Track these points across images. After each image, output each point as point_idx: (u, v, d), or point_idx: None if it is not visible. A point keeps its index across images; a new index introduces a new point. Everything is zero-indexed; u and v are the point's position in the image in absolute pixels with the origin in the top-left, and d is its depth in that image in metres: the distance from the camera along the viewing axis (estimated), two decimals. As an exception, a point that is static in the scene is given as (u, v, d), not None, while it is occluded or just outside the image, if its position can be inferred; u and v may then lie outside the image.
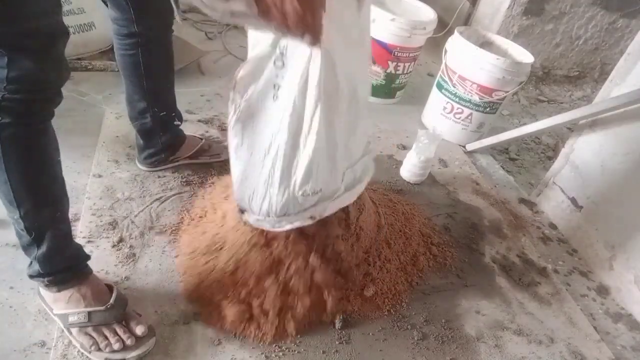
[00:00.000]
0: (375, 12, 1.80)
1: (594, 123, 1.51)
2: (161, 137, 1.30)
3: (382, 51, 1.91)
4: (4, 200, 0.81)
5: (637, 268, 1.36)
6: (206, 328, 1.00)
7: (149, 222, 1.20)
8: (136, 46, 1.13)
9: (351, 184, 0.97)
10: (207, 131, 1.58)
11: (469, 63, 1.74)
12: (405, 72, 2.01)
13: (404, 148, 1.80)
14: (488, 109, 1.81)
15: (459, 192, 1.63)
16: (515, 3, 2.34)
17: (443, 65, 1.85)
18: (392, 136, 1.86)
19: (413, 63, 2.01)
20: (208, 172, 1.40)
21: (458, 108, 1.84)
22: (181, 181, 1.35)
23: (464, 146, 1.92)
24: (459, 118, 1.85)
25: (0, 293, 0.97)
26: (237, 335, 0.99)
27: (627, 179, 1.40)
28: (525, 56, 1.82)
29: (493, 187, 1.73)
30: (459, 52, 1.77)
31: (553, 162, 1.70)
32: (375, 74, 1.99)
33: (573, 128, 1.66)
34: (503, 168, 1.90)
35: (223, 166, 1.43)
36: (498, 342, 1.14)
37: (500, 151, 2.06)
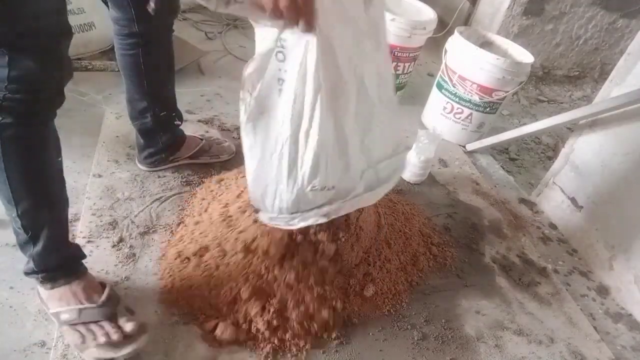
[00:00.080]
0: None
1: (594, 123, 1.51)
2: (161, 137, 1.30)
3: (382, 51, 1.91)
4: (2, 198, 0.82)
5: (637, 268, 1.36)
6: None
7: (149, 222, 1.20)
8: (137, 46, 1.13)
9: (373, 185, 0.94)
10: (207, 131, 1.58)
11: (469, 63, 1.74)
12: (405, 72, 2.01)
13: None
14: (488, 109, 1.81)
15: (459, 192, 1.63)
16: (515, 3, 2.34)
17: (443, 65, 1.85)
18: (392, 136, 1.86)
19: (413, 63, 2.01)
20: (208, 172, 1.40)
21: (458, 108, 1.84)
22: (181, 181, 1.35)
23: (464, 146, 1.92)
24: (459, 118, 1.85)
25: (0, 293, 0.97)
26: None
27: (627, 179, 1.40)
28: (525, 56, 1.82)
29: (493, 187, 1.73)
30: (459, 52, 1.77)
31: (553, 162, 1.70)
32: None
33: (573, 128, 1.66)
34: (503, 168, 1.90)
35: (223, 166, 1.43)
36: (498, 342, 1.14)
37: (500, 151, 2.06)
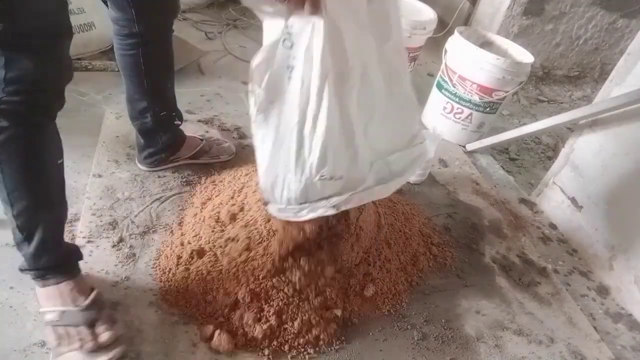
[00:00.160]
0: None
1: (594, 123, 1.51)
2: (161, 137, 1.30)
3: (382, 51, 1.91)
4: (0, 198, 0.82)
5: (637, 268, 1.36)
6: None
7: (149, 222, 1.20)
8: (136, 46, 1.13)
9: (385, 178, 0.92)
10: (207, 131, 1.58)
11: (469, 63, 1.74)
12: (405, 72, 2.01)
13: (404, 148, 1.80)
14: (488, 109, 1.81)
15: (459, 192, 1.63)
16: (515, 3, 2.34)
17: (443, 65, 1.85)
18: (392, 136, 1.86)
19: (413, 63, 2.01)
20: (208, 173, 1.40)
21: (458, 108, 1.84)
22: (181, 181, 1.35)
23: (464, 146, 1.91)
24: (459, 118, 1.85)
25: (0, 293, 0.97)
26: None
27: (627, 179, 1.40)
28: (525, 56, 1.82)
29: (493, 187, 1.73)
30: (459, 52, 1.77)
31: (553, 162, 1.70)
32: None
33: (573, 128, 1.66)
34: (503, 168, 1.90)
35: (223, 166, 1.43)
36: (498, 342, 1.14)
37: (500, 151, 2.06)
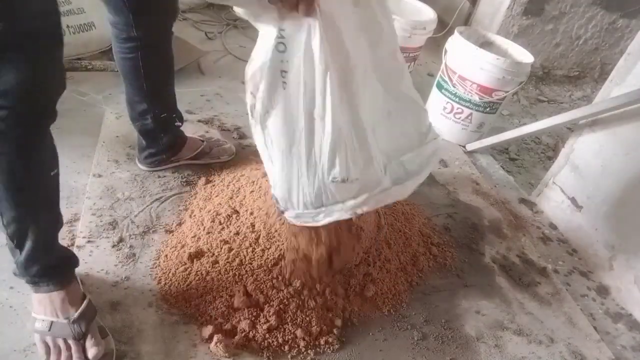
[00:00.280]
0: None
1: (594, 123, 1.51)
2: (162, 138, 1.30)
3: (382, 51, 1.91)
4: None
5: (637, 268, 1.36)
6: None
7: (149, 222, 1.20)
8: (135, 50, 1.12)
9: (401, 178, 0.90)
10: (207, 131, 1.58)
11: (469, 63, 1.74)
12: (405, 72, 2.01)
13: (404, 148, 1.80)
14: (488, 109, 1.81)
15: (459, 192, 1.63)
16: (515, 3, 2.34)
17: (443, 65, 1.85)
18: (392, 136, 1.86)
19: (413, 63, 2.01)
20: (208, 173, 1.40)
21: (458, 108, 1.84)
22: (181, 181, 1.35)
23: (464, 146, 1.92)
24: (459, 118, 1.85)
25: (0, 293, 0.97)
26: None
27: (627, 179, 1.40)
28: (525, 56, 1.82)
29: (493, 187, 1.73)
30: (459, 52, 1.77)
31: (553, 162, 1.70)
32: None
33: (573, 128, 1.66)
34: (503, 168, 1.90)
35: (224, 166, 1.43)
36: (498, 342, 1.14)
37: (500, 151, 2.06)
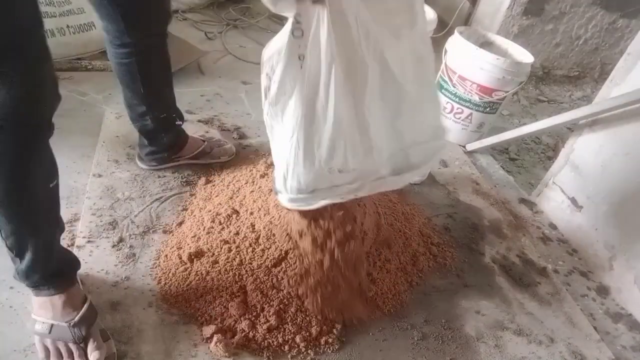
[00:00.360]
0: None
1: (594, 123, 1.51)
2: (163, 138, 1.30)
3: (382, 51, 1.91)
4: None
5: (637, 268, 1.36)
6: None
7: (149, 222, 1.20)
8: (130, 55, 1.11)
9: (401, 169, 0.89)
10: (207, 131, 1.58)
11: (469, 63, 1.74)
12: (405, 72, 2.01)
13: (404, 148, 1.80)
14: (488, 109, 1.81)
15: (459, 192, 1.63)
16: (515, 3, 2.34)
17: (443, 65, 1.85)
18: (392, 136, 1.86)
19: (413, 63, 2.01)
20: (209, 173, 1.40)
21: (458, 108, 1.84)
22: (181, 181, 1.35)
23: (464, 146, 1.91)
24: (459, 118, 1.85)
25: (0, 293, 0.97)
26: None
27: (627, 179, 1.40)
28: (525, 56, 1.82)
29: (493, 187, 1.73)
30: (459, 52, 1.77)
31: (553, 162, 1.70)
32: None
33: (573, 128, 1.66)
34: (503, 168, 1.90)
35: (224, 166, 1.43)
36: (498, 342, 1.14)
37: (500, 151, 2.06)
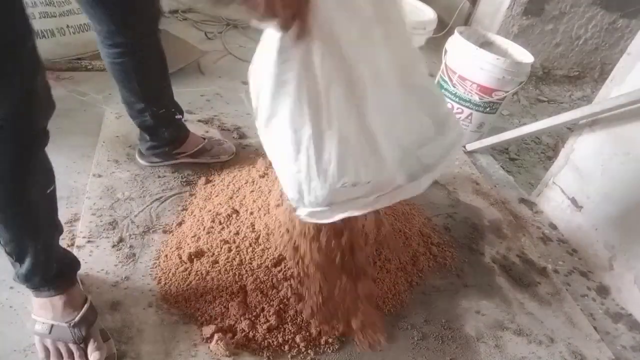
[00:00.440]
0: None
1: (594, 123, 1.51)
2: (164, 132, 1.29)
3: (382, 51, 1.91)
4: None
5: (637, 268, 1.36)
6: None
7: (149, 222, 1.20)
8: (123, 55, 1.10)
9: (417, 174, 0.90)
10: (207, 131, 1.58)
11: (469, 63, 1.74)
12: (405, 72, 2.01)
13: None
14: (488, 109, 1.81)
15: (459, 192, 1.63)
16: (515, 3, 2.34)
17: (443, 65, 1.85)
18: (392, 136, 1.86)
19: (413, 63, 2.01)
20: (209, 173, 1.40)
21: (458, 108, 1.84)
22: (181, 181, 1.35)
23: (464, 146, 1.91)
24: (459, 118, 1.85)
25: (0, 293, 0.97)
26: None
27: (627, 179, 1.40)
28: (525, 56, 1.82)
29: (493, 187, 1.73)
30: (459, 52, 1.77)
31: (553, 162, 1.70)
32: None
33: (573, 128, 1.66)
34: (503, 168, 1.90)
35: (224, 166, 1.43)
36: (498, 342, 1.14)
37: (500, 151, 2.06)
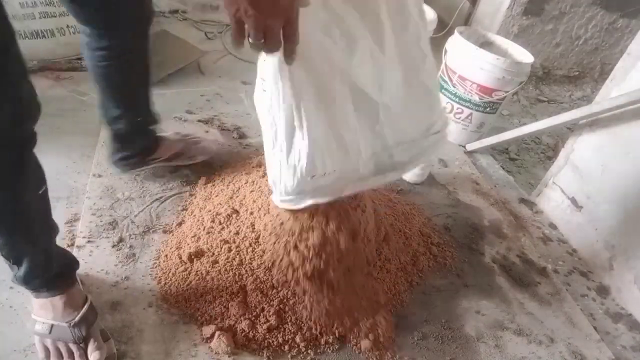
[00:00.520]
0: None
1: (594, 123, 1.51)
2: (136, 142, 1.24)
3: (382, 51, 1.91)
4: None
5: (637, 268, 1.36)
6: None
7: (149, 222, 1.20)
8: (107, 59, 1.08)
9: (384, 169, 0.94)
10: (207, 131, 1.58)
11: (469, 63, 1.74)
12: (405, 72, 2.01)
13: (404, 148, 1.80)
14: (488, 109, 1.81)
15: (459, 192, 1.63)
16: (515, 3, 2.34)
17: (443, 65, 1.85)
18: (392, 136, 1.86)
19: (413, 63, 2.01)
20: (208, 173, 1.39)
21: (458, 108, 1.84)
22: (181, 181, 1.35)
23: (464, 146, 1.91)
24: (459, 118, 1.85)
25: (0, 293, 0.97)
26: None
27: (627, 179, 1.40)
28: (525, 56, 1.82)
29: (493, 187, 1.73)
30: (459, 52, 1.77)
31: (553, 162, 1.70)
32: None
33: (573, 128, 1.66)
34: (503, 168, 1.90)
35: (223, 166, 1.43)
36: (498, 342, 1.14)
37: (500, 151, 2.06)
